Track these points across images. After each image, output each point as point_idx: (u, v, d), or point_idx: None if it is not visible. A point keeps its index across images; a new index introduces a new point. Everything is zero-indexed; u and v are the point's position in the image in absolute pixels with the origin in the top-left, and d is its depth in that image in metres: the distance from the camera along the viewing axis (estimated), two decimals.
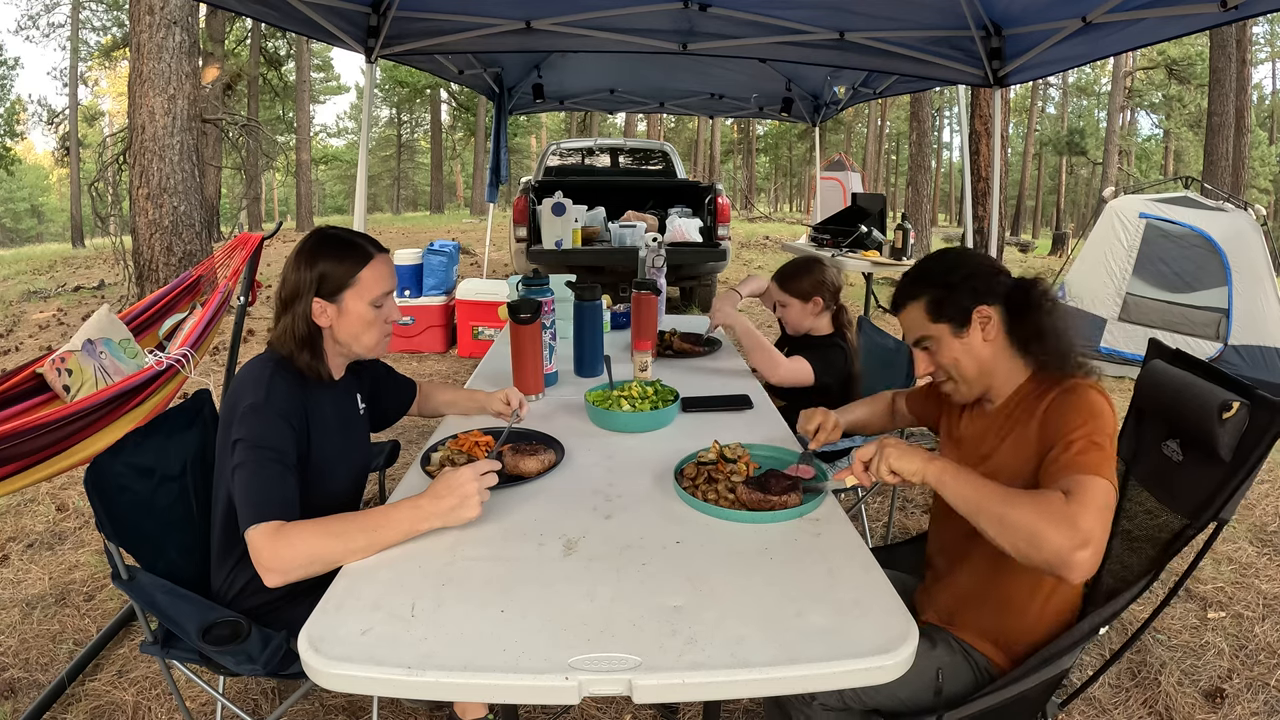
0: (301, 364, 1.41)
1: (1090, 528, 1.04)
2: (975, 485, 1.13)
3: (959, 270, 1.35)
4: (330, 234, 1.46)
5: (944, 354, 1.35)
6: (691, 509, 1.30)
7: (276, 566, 1.15)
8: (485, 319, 5.40)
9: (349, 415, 1.56)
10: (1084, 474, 1.11)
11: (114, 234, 7.41)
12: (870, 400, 1.80)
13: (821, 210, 8.47)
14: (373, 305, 1.43)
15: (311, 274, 1.40)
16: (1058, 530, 1.04)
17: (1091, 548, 1.03)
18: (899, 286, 1.41)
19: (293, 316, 1.40)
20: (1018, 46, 3.32)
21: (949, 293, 1.33)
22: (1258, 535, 2.97)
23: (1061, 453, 1.16)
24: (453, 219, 21.77)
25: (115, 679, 2.03)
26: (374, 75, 3.41)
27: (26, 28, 33.49)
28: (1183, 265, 5.17)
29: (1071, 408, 1.21)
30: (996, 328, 1.32)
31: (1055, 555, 1.04)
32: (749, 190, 39.55)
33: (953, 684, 1.28)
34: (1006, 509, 1.09)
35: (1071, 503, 1.07)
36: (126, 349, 2.17)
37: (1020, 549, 1.07)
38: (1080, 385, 1.24)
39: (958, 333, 1.33)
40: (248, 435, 1.28)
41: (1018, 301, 1.32)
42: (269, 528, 1.17)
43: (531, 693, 0.89)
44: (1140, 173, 31.99)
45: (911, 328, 1.38)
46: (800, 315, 2.33)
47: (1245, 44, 12.68)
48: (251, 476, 1.24)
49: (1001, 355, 1.33)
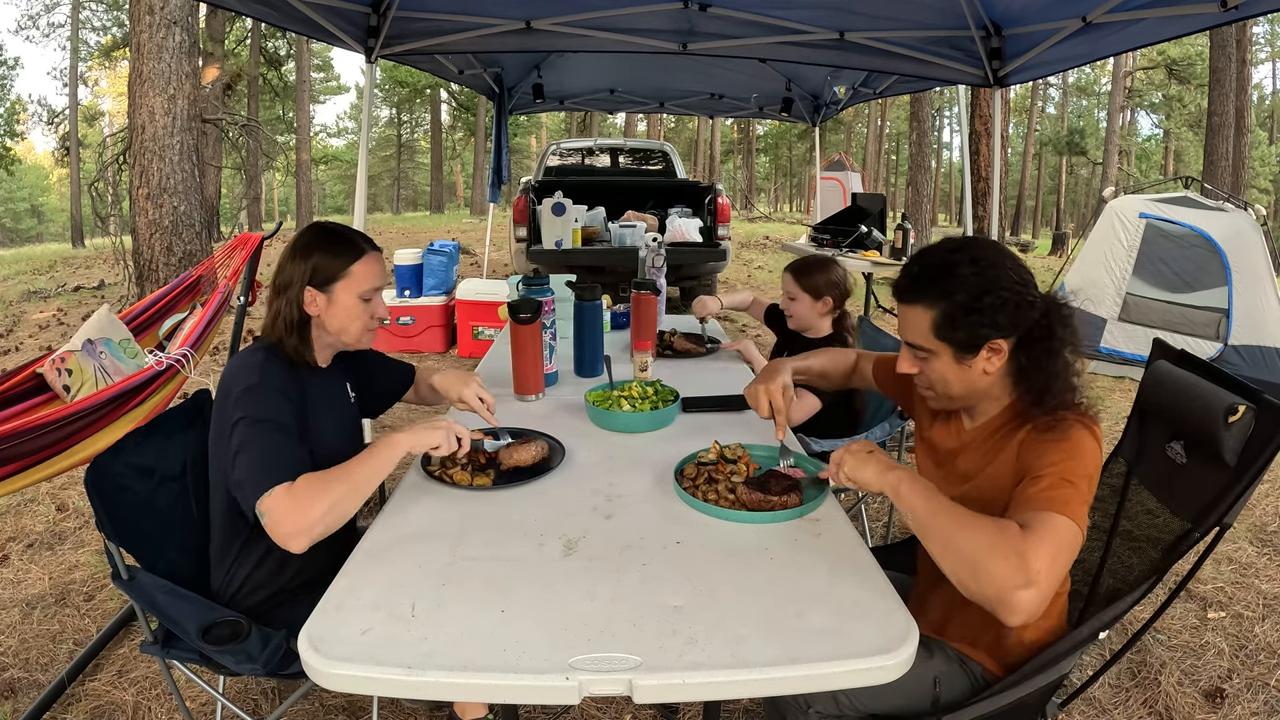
0: (289, 348, 1.45)
1: (1040, 569, 0.95)
2: (929, 501, 1.06)
3: (990, 295, 1.15)
4: (326, 228, 1.51)
5: (934, 369, 1.23)
6: (691, 509, 1.30)
7: (299, 526, 1.19)
8: (485, 319, 5.40)
9: (340, 404, 1.59)
10: (1048, 510, 1.02)
11: (114, 234, 7.41)
12: (832, 353, 1.71)
13: (821, 210, 8.47)
14: (361, 299, 1.48)
15: (306, 264, 1.45)
16: (1004, 564, 0.96)
17: (1037, 589, 0.94)
18: (913, 274, 1.24)
19: (285, 302, 1.44)
20: (1018, 46, 3.32)
21: (967, 316, 1.16)
22: (1258, 535, 2.97)
23: (1030, 485, 1.08)
24: (453, 219, 21.76)
25: (115, 679, 2.03)
26: (374, 75, 3.41)
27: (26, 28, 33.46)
28: (1183, 265, 5.17)
29: (1052, 442, 1.12)
30: (1002, 359, 1.19)
31: (995, 591, 0.96)
32: (749, 190, 39.55)
33: (950, 693, 1.27)
34: (954, 532, 1.01)
35: (1027, 537, 0.98)
36: (126, 349, 2.17)
37: (961, 578, 1.00)
38: (1066, 420, 1.14)
39: (959, 357, 1.20)
40: (247, 413, 1.30)
41: (1036, 337, 1.17)
42: (280, 490, 1.20)
43: (531, 693, 0.89)
44: (1140, 173, 31.99)
45: (910, 329, 1.24)
46: (808, 311, 2.34)
47: (1245, 44, 12.68)
48: (256, 450, 1.26)
49: (996, 383, 1.23)
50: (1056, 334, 1.17)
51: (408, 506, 1.32)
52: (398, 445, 1.32)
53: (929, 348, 1.21)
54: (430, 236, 12.03)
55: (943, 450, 1.36)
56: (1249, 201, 5.60)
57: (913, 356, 1.26)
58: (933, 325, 1.19)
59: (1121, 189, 6.28)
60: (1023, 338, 1.18)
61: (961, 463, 1.30)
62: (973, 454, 1.28)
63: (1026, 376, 1.19)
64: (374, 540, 1.20)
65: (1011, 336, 1.18)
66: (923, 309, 1.20)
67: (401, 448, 1.32)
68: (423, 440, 1.34)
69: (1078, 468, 1.08)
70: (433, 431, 1.35)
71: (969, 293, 1.16)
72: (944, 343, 1.20)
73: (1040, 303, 1.19)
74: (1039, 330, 1.17)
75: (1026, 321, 1.17)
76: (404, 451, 1.33)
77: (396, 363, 1.82)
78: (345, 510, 1.24)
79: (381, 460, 1.30)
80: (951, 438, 1.34)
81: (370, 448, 1.32)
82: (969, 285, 1.16)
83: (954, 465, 1.31)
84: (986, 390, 1.24)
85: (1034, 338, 1.17)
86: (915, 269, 1.24)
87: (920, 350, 1.23)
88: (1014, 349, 1.19)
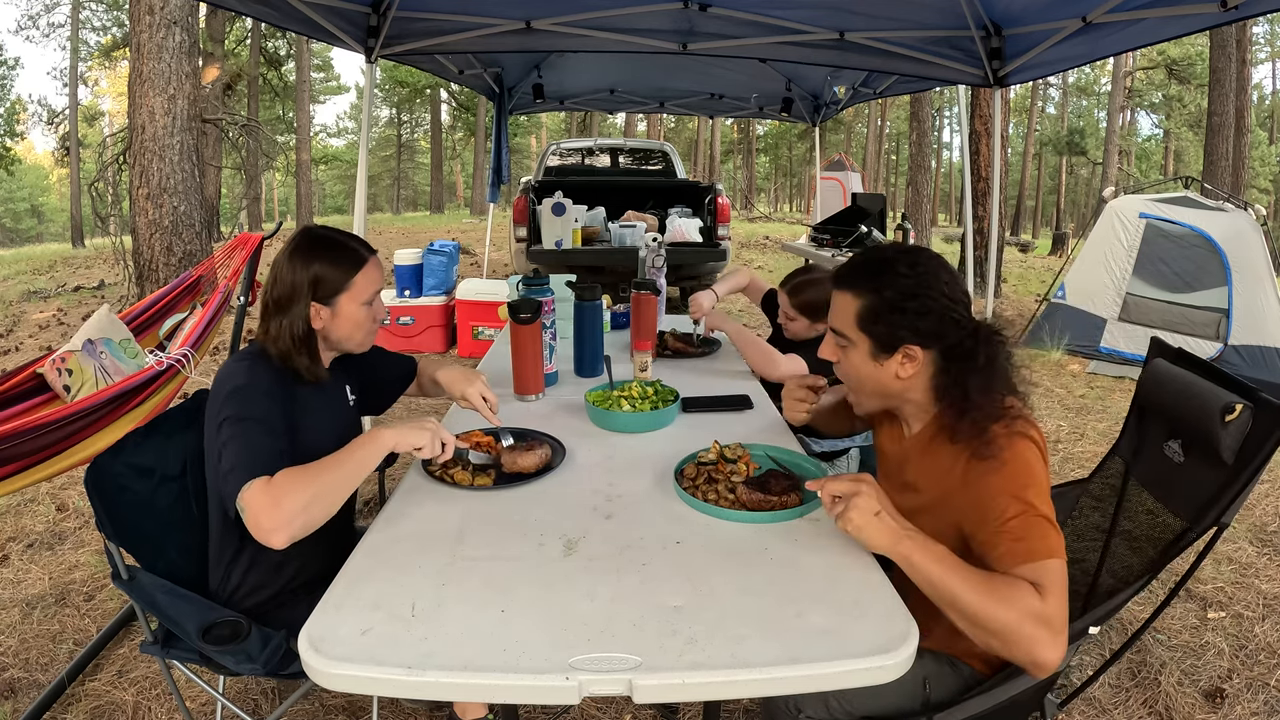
0: (300, 367, 1.42)
1: (1060, 623, 1.00)
2: (945, 573, 1.05)
3: (916, 300, 1.19)
4: (320, 235, 1.47)
5: (850, 360, 1.27)
6: (691, 509, 1.30)
7: (276, 521, 1.15)
8: (485, 319, 5.40)
9: (337, 406, 1.58)
10: (1040, 560, 1.04)
11: (114, 234, 7.41)
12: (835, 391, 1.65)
13: (821, 210, 8.46)
14: (364, 305, 1.47)
15: (307, 277, 1.41)
16: (1036, 631, 0.98)
17: (1061, 642, 0.99)
18: (855, 264, 1.28)
19: (289, 320, 1.41)
20: (1018, 46, 3.32)
21: (889, 314, 1.20)
22: (1258, 535, 2.97)
23: (1001, 527, 1.08)
24: (453, 219, 21.76)
25: (115, 679, 2.03)
26: (374, 75, 3.41)
27: (26, 28, 33.42)
28: (1183, 265, 5.17)
29: (997, 471, 1.11)
30: (918, 368, 1.22)
31: (1028, 658, 0.99)
32: (749, 190, 39.55)
33: (940, 693, 1.26)
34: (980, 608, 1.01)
35: (1048, 602, 1.01)
36: (126, 349, 2.17)
37: (992, 646, 1.02)
38: (999, 438, 1.13)
39: (876, 354, 1.23)
40: (233, 412, 1.28)
41: (956, 355, 1.20)
42: (258, 484, 1.17)
43: (531, 693, 0.89)
44: (1140, 173, 31.99)
45: (837, 315, 1.27)
46: (805, 331, 2.32)
47: (1245, 44, 12.68)
48: (239, 445, 1.24)
49: (912, 391, 1.25)
50: (980, 358, 1.18)
51: (408, 506, 1.32)
52: (382, 441, 1.28)
53: (850, 337, 1.25)
54: (430, 236, 12.03)
55: (891, 458, 1.38)
56: (1249, 201, 5.60)
57: (834, 343, 1.30)
58: (857, 315, 1.23)
59: (1121, 189, 6.28)
60: (945, 352, 1.20)
61: (909, 472, 1.31)
62: (915, 465, 1.30)
63: (948, 392, 1.20)
64: (374, 540, 1.20)
65: (931, 348, 1.21)
66: (852, 296, 1.24)
67: (386, 444, 1.28)
68: (408, 439, 1.29)
69: (1038, 490, 1.09)
70: (419, 432, 1.30)
71: (898, 291, 1.20)
72: (864, 335, 1.23)
73: (969, 324, 1.21)
74: (961, 350, 1.19)
75: (949, 338, 1.20)
76: (389, 448, 1.28)
77: (397, 356, 1.81)
78: (327, 505, 1.20)
79: (365, 454, 1.26)
80: (895, 443, 1.37)
81: (354, 441, 1.28)
82: (899, 285, 1.20)
83: (902, 474, 1.33)
84: (900, 394, 1.26)
85: (955, 355, 1.20)
86: (859, 260, 1.29)
87: (842, 338, 1.27)
88: (937, 362, 1.21)
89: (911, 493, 1.28)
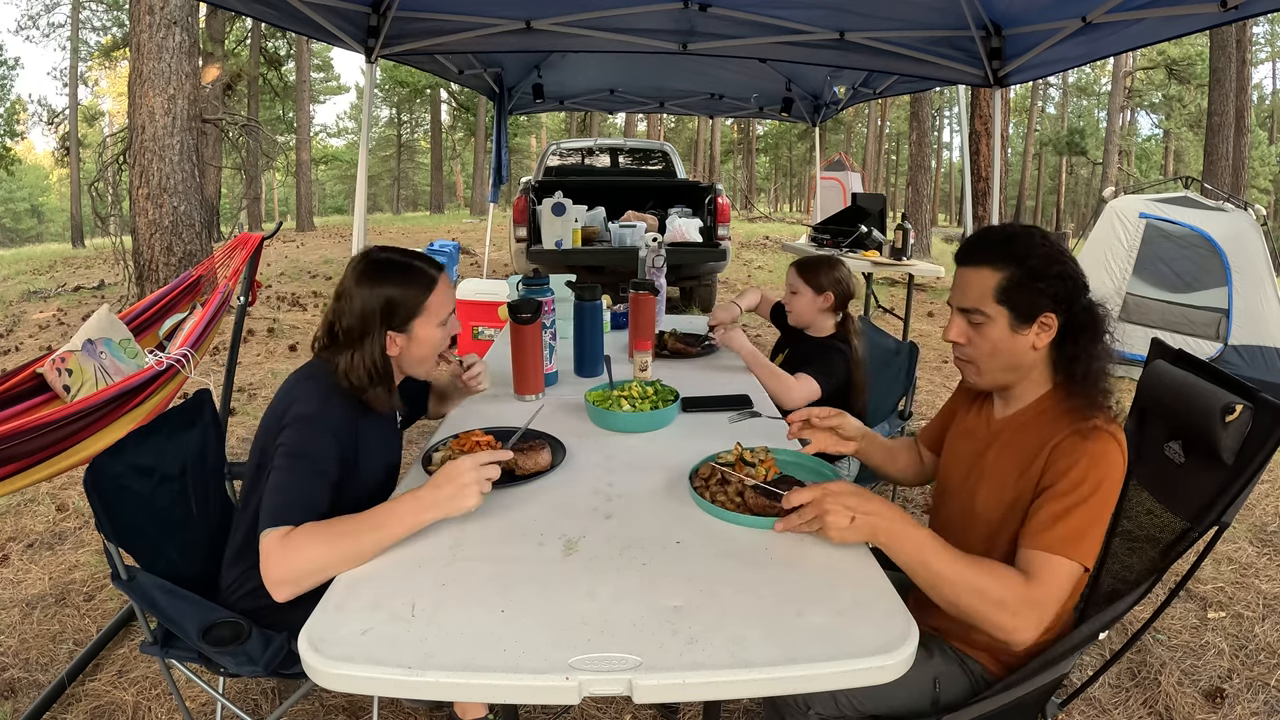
0: (374, 400, 1.37)
1: (1045, 614, 1.06)
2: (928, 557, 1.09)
3: (1055, 266, 1.20)
4: (385, 260, 1.40)
5: (986, 336, 1.24)
6: (691, 509, 1.30)
7: (286, 576, 1.10)
8: (485, 319, 5.39)
9: (389, 434, 1.55)
10: (1055, 553, 1.08)
11: (114, 234, 7.40)
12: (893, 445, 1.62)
13: (821, 210, 8.47)
14: (440, 326, 1.44)
15: (378, 305, 1.35)
16: (1013, 619, 1.05)
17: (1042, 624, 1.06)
18: (982, 239, 1.27)
19: (363, 353, 1.35)
20: (1018, 46, 3.33)
21: (1033, 283, 1.20)
22: (1258, 535, 2.97)
23: (1049, 502, 1.12)
24: (453, 219, 21.77)
25: (115, 679, 2.03)
26: (374, 75, 3.41)
27: (26, 28, 33.49)
28: (1183, 265, 5.17)
29: (1085, 454, 1.14)
30: (1049, 337, 1.23)
31: (1002, 635, 1.06)
32: (749, 190, 39.55)
33: (950, 692, 1.27)
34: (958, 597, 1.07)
35: (1032, 587, 1.07)
36: (126, 349, 2.17)
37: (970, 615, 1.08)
38: (1099, 432, 1.16)
39: (1015, 326, 1.22)
40: (291, 443, 1.25)
41: (1082, 322, 1.22)
42: (277, 534, 1.13)
43: (531, 693, 0.89)
44: (1140, 173, 31.99)
45: (970, 293, 1.25)
46: (808, 306, 2.33)
47: (1245, 44, 12.69)
48: (284, 479, 1.22)
49: (1039, 365, 1.26)
50: (1101, 323, 1.22)
51: None
52: (422, 518, 1.15)
53: (987, 312, 1.23)
54: (430, 236, 12.04)
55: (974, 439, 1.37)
56: (1249, 201, 5.60)
57: (965, 323, 1.27)
58: (997, 288, 1.21)
59: (1121, 189, 6.28)
60: (1069, 321, 1.22)
61: (989, 455, 1.31)
62: (1000, 447, 1.29)
63: (1070, 362, 1.22)
64: None
65: (1062, 316, 1.21)
66: (990, 271, 1.22)
67: (427, 519, 1.15)
68: (458, 506, 1.15)
69: (1105, 491, 1.12)
70: (464, 492, 1.15)
71: (1041, 259, 1.20)
72: (1003, 307, 1.22)
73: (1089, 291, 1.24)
74: (1085, 316, 1.21)
75: (1076, 305, 1.21)
76: (430, 521, 1.16)
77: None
78: (338, 568, 1.10)
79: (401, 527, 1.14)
80: (984, 426, 1.36)
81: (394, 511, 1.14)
82: (1041, 253, 1.21)
83: (981, 459, 1.32)
84: (1029, 369, 1.26)
85: (1080, 323, 1.22)
86: (981, 237, 1.28)
87: (976, 314, 1.24)
88: (1060, 331, 1.22)
89: (984, 475, 1.29)
